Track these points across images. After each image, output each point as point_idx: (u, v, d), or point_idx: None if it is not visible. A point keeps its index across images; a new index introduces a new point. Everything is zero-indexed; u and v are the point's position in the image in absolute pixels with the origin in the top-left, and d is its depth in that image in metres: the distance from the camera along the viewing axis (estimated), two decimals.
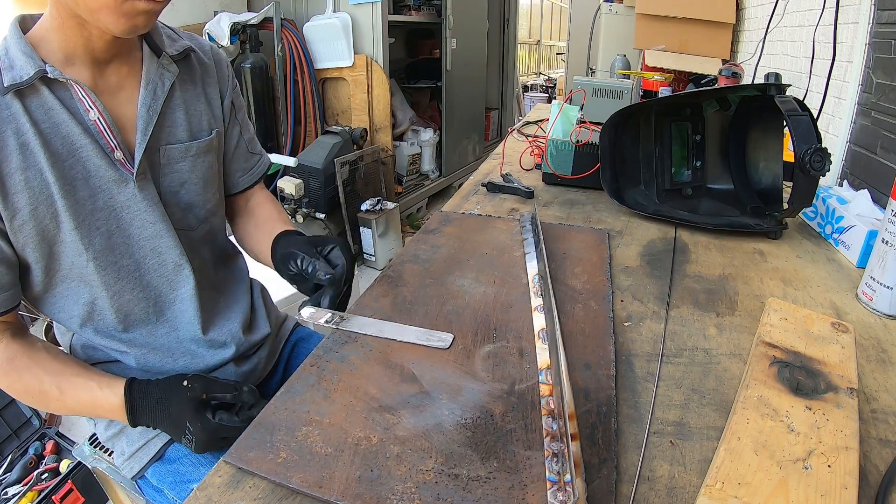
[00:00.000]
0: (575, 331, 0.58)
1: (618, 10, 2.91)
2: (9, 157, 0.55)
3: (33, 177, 0.57)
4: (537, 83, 6.55)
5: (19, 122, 0.56)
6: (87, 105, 0.59)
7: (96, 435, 0.95)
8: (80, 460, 1.19)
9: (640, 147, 0.96)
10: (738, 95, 0.93)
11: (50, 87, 0.58)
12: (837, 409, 0.43)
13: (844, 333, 0.54)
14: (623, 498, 0.39)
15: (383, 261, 2.55)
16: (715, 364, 0.55)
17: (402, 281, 0.68)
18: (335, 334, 0.57)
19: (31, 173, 0.57)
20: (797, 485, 0.36)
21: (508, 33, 4.21)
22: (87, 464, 0.93)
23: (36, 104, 0.57)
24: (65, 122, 0.58)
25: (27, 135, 0.56)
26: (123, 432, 0.73)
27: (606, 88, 1.46)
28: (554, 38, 8.57)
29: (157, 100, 0.65)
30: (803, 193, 0.78)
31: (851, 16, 1.17)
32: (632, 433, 0.45)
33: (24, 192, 0.56)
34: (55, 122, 0.58)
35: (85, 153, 0.60)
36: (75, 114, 0.59)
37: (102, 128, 0.60)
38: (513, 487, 0.39)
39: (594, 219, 0.92)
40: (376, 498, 0.38)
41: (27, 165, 0.56)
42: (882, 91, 1.00)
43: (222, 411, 0.63)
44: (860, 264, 0.76)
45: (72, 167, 0.59)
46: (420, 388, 0.49)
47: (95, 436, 1.26)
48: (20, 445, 1.49)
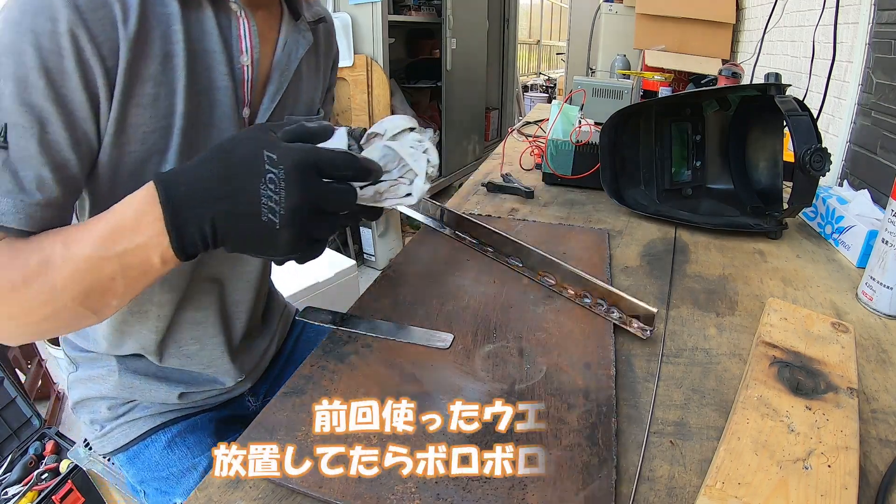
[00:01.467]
0: (575, 331, 0.58)
1: (618, 10, 2.91)
2: (147, 60, 0.47)
3: (164, 96, 0.48)
4: (537, 83, 6.55)
5: (171, 27, 0.48)
6: (245, 46, 0.53)
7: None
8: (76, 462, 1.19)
9: (640, 147, 0.96)
10: (738, 95, 0.93)
11: (216, 9, 0.50)
12: (837, 409, 0.43)
13: (844, 333, 0.54)
14: (623, 498, 0.39)
15: (383, 261, 2.55)
16: (715, 364, 0.55)
17: (402, 281, 0.68)
18: (335, 334, 0.57)
19: (164, 91, 0.48)
20: (797, 485, 0.36)
21: (508, 33, 4.21)
22: (83, 466, 0.93)
23: (195, 19, 0.49)
24: (216, 53, 0.51)
25: (175, 46, 0.48)
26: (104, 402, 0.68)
27: (606, 88, 1.46)
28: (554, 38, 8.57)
29: (289, 65, 0.59)
30: (803, 193, 0.78)
31: (851, 16, 1.17)
32: (632, 433, 0.45)
33: (149, 108, 0.48)
34: (207, 49, 0.50)
35: (220, 96, 0.52)
36: (228, 49, 0.52)
37: (247, 77, 0.54)
38: (513, 487, 0.39)
39: (594, 219, 0.92)
40: (376, 498, 0.38)
41: (162, 81, 0.48)
42: (882, 91, 1.00)
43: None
44: (860, 264, 0.76)
45: (202, 106, 0.51)
46: (420, 388, 0.49)
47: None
48: (20, 445, 1.49)
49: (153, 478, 0.69)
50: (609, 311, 0.60)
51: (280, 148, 0.40)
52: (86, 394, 0.70)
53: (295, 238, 0.41)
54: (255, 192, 0.39)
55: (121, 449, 0.70)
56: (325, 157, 0.41)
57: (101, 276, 0.42)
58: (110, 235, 0.41)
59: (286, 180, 0.39)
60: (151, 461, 0.69)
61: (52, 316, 0.44)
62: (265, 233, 0.40)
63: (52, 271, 0.42)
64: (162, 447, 0.69)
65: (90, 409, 0.70)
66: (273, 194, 0.39)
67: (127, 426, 0.69)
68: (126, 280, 0.43)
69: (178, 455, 0.69)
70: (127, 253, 0.42)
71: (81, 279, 0.42)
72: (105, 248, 0.41)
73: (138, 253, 0.42)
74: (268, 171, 0.39)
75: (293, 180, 0.39)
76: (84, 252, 0.42)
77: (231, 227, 0.41)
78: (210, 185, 0.40)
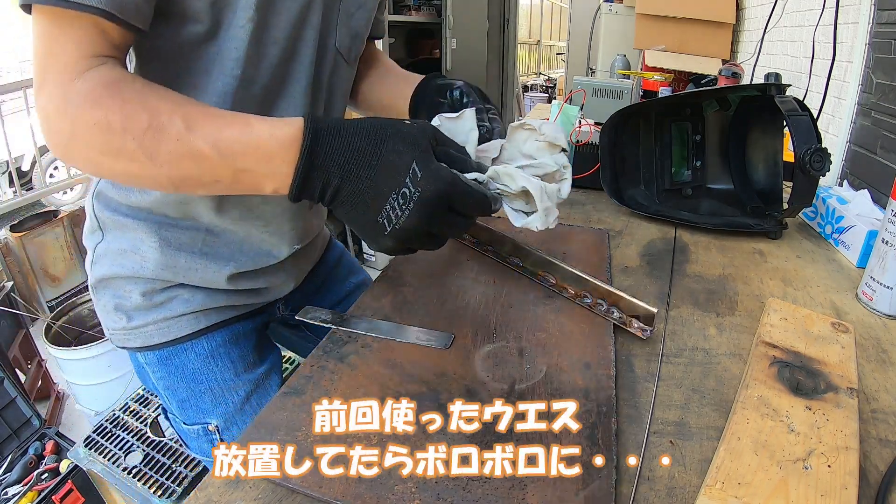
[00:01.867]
0: (575, 331, 0.58)
1: (618, 10, 2.91)
2: None
3: None
4: (537, 83, 6.56)
5: None
6: None
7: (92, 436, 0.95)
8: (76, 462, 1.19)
9: (640, 147, 0.96)
10: (738, 95, 0.93)
11: None
12: (837, 409, 0.43)
13: (844, 333, 0.54)
14: (623, 498, 0.39)
15: (383, 261, 2.55)
16: (715, 364, 0.55)
17: (402, 281, 0.68)
18: (335, 334, 0.57)
19: None
20: (797, 485, 0.36)
21: (508, 33, 4.22)
22: (83, 465, 0.93)
23: None
24: None
25: None
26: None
27: (606, 88, 1.46)
28: (554, 38, 8.58)
29: None
30: (803, 193, 0.78)
31: (851, 16, 1.17)
32: (632, 433, 0.45)
33: None
34: None
35: None
36: None
37: None
38: (513, 487, 0.39)
39: (594, 219, 0.92)
40: (376, 498, 0.38)
41: None
42: (882, 91, 1.00)
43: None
44: (860, 264, 0.76)
45: None
46: (420, 388, 0.49)
47: (91, 437, 1.27)
48: (20, 445, 1.49)
49: (188, 388, 0.64)
50: (609, 311, 0.60)
51: (428, 169, 0.41)
52: (114, 270, 0.60)
53: (395, 249, 0.43)
54: (385, 196, 0.41)
55: (152, 347, 0.63)
56: (460, 194, 0.42)
57: (209, 173, 0.42)
58: (242, 150, 0.41)
59: (416, 203, 0.41)
60: (189, 369, 0.63)
61: (132, 174, 0.43)
62: (373, 228, 0.42)
63: (161, 143, 0.41)
64: (205, 356, 0.64)
65: (117, 292, 0.61)
66: (398, 208, 0.41)
67: (165, 324, 0.62)
68: (227, 187, 0.44)
69: (220, 367, 0.64)
70: (247, 171, 0.42)
71: (188, 167, 0.42)
72: (229, 156, 0.41)
73: (257, 177, 0.43)
74: (406, 184, 0.41)
75: (422, 207, 0.41)
76: (203, 146, 0.41)
77: (348, 204, 0.43)
78: (351, 160, 0.41)
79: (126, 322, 0.62)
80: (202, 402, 0.65)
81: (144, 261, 0.59)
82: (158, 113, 0.41)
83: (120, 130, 0.41)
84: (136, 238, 0.58)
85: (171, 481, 1.17)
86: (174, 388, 0.65)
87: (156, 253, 0.58)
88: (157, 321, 0.61)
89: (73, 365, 1.70)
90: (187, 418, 0.67)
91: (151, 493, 1.15)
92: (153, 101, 0.42)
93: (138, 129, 0.41)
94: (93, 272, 0.62)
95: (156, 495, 1.14)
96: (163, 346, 0.62)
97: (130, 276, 0.60)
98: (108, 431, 1.29)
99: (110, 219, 0.59)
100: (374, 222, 0.42)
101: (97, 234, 0.61)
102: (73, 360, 1.69)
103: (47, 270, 2.33)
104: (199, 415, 0.66)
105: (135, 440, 1.26)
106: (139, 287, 0.60)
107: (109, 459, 1.21)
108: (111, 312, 0.62)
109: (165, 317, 0.61)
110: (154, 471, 1.19)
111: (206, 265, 0.60)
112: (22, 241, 2.20)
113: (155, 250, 0.58)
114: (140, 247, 0.58)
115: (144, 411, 1.35)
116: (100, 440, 1.27)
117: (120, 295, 0.61)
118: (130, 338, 0.62)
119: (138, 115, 0.41)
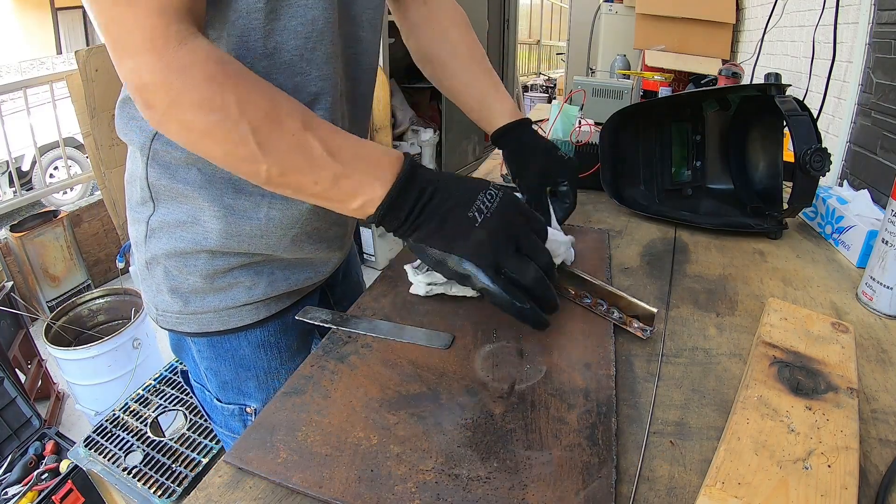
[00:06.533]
0: (575, 331, 0.58)
1: (618, 10, 2.91)
2: None
3: None
4: (537, 83, 6.56)
5: None
6: None
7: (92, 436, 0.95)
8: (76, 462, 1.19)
9: (640, 147, 0.96)
10: (738, 95, 0.93)
11: None
12: (837, 409, 0.43)
13: (844, 333, 0.54)
14: (623, 498, 0.39)
15: (383, 261, 2.55)
16: (715, 364, 0.55)
17: (402, 281, 0.68)
18: (335, 334, 0.57)
19: None
20: (797, 485, 0.36)
21: (508, 33, 4.21)
22: (83, 465, 0.93)
23: None
24: None
25: None
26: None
27: (606, 88, 1.46)
28: (554, 38, 8.58)
29: None
30: (803, 193, 0.78)
31: (851, 16, 1.17)
32: (632, 433, 0.45)
33: None
34: None
35: None
36: None
37: None
38: (513, 487, 0.39)
39: (594, 219, 0.92)
40: (376, 498, 0.38)
41: None
42: (882, 91, 1.00)
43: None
44: (860, 264, 0.76)
45: None
46: (420, 388, 0.49)
47: (91, 437, 1.27)
48: (20, 445, 1.49)
49: (233, 372, 0.63)
50: (609, 311, 0.60)
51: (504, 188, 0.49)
52: (173, 245, 0.56)
53: (486, 245, 0.47)
54: (475, 192, 0.49)
55: (206, 334, 0.60)
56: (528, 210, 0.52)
57: (312, 172, 0.44)
58: (351, 154, 0.44)
59: (500, 200, 0.50)
60: (239, 355, 0.63)
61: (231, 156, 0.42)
62: (466, 222, 0.47)
63: (276, 133, 0.41)
64: (257, 344, 0.63)
65: (175, 272, 0.57)
66: (487, 201, 0.49)
67: (226, 313, 0.59)
68: (320, 191, 0.45)
69: (269, 356, 0.64)
70: (348, 177, 0.44)
71: (294, 161, 0.43)
72: (338, 158, 0.44)
73: (356, 184, 0.45)
74: (489, 188, 0.50)
75: (506, 202, 0.50)
76: (315, 144, 0.43)
77: (441, 208, 0.47)
78: (444, 178, 0.49)
79: (182, 306, 0.58)
80: (246, 386, 0.64)
81: (207, 231, 0.55)
82: (278, 104, 0.42)
83: (237, 113, 0.40)
84: (196, 208, 0.55)
85: (171, 481, 1.17)
86: (219, 370, 0.63)
87: (219, 222, 0.55)
88: (218, 309, 0.59)
89: (72, 365, 1.70)
90: (225, 397, 0.65)
91: (151, 493, 1.15)
92: (271, 91, 0.42)
93: (257, 116, 0.41)
94: (147, 247, 0.58)
95: (156, 495, 1.14)
96: (219, 333, 0.60)
97: (192, 251, 0.56)
98: (108, 431, 1.30)
99: (167, 187, 0.55)
100: (465, 217, 0.47)
101: (148, 205, 0.56)
102: (73, 360, 1.69)
103: (47, 270, 2.33)
104: (240, 397, 0.65)
105: (135, 440, 1.26)
106: (200, 267, 0.57)
107: (109, 459, 1.22)
108: (165, 294, 0.59)
109: (227, 306, 0.59)
110: (154, 471, 1.19)
111: (270, 230, 0.57)
112: (22, 241, 2.20)
113: (218, 219, 0.55)
114: (200, 216, 0.55)
115: (144, 411, 1.35)
116: (100, 440, 1.27)
117: (177, 276, 0.57)
118: (184, 322, 0.59)
119: (258, 102, 0.41)
